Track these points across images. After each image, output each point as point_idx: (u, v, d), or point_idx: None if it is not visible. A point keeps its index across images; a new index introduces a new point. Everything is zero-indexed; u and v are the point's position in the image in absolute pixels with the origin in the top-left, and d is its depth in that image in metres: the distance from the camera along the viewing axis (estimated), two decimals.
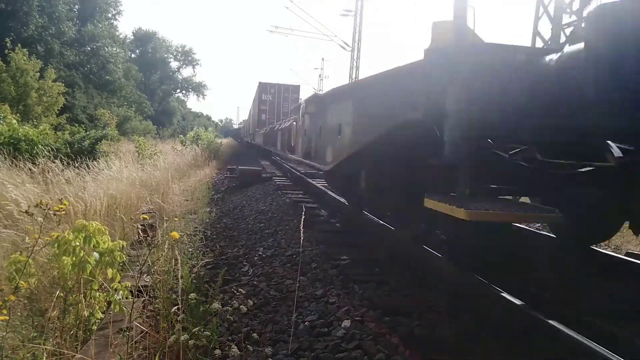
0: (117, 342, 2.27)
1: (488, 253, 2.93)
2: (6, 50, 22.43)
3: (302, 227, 3.01)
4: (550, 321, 2.31)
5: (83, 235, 2.38)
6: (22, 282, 2.21)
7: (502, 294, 2.72)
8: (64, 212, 2.49)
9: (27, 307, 2.71)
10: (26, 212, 2.43)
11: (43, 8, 33.30)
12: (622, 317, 2.71)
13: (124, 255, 2.52)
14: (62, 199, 2.63)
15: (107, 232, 2.50)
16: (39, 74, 23.01)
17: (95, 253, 2.40)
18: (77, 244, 2.35)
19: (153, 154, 15.24)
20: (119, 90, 42.95)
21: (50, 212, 2.40)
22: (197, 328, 2.29)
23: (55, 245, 2.27)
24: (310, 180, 9.61)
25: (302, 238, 3.15)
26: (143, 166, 11.42)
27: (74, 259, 2.29)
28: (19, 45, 23.11)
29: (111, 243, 2.37)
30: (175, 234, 2.59)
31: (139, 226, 4.67)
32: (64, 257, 2.22)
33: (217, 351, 2.15)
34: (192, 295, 2.53)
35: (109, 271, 2.40)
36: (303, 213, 3.44)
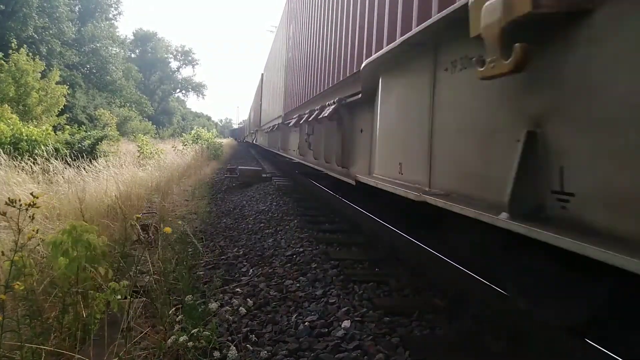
0: (116, 342, 2.26)
1: None
2: (10, 50, 22.45)
3: None
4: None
5: (72, 235, 2.35)
6: (17, 283, 2.20)
7: None
8: (37, 207, 2.43)
9: (26, 307, 2.70)
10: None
11: (43, 8, 33.35)
12: None
13: (105, 247, 2.49)
14: (33, 192, 2.56)
15: (94, 231, 2.47)
16: (40, 74, 23.00)
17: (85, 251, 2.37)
18: (69, 244, 2.32)
19: (154, 153, 15.27)
20: (119, 90, 42.99)
21: (23, 207, 2.32)
22: (196, 329, 2.28)
23: (51, 246, 2.26)
24: None
25: None
26: (143, 166, 11.43)
27: (67, 260, 2.27)
28: (13, 44, 23.10)
29: (95, 240, 2.35)
30: (168, 229, 2.58)
31: (138, 227, 4.67)
32: (60, 258, 2.21)
33: (217, 353, 2.15)
34: (189, 297, 2.53)
35: (101, 269, 2.38)
36: None
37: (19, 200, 2.29)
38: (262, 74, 20.12)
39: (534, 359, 2.24)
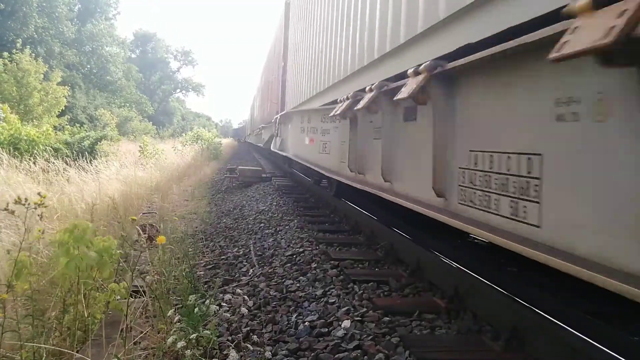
0: (116, 342, 2.27)
1: None
2: (14, 50, 22.52)
3: None
4: None
5: (74, 234, 2.35)
6: (18, 282, 2.20)
7: None
8: (45, 206, 2.43)
9: (27, 306, 2.71)
10: (5, 209, 2.36)
11: (43, 8, 33.34)
12: None
13: (117, 253, 2.50)
14: (40, 192, 2.57)
15: (95, 231, 2.47)
16: (42, 75, 23.02)
17: (92, 253, 2.38)
18: (70, 242, 2.32)
19: (154, 153, 15.31)
20: (119, 90, 43.00)
21: (32, 206, 2.33)
22: (194, 335, 2.27)
23: (56, 245, 2.27)
24: None
25: None
26: (144, 166, 11.44)
27: (67, 258, 2.27)
28: (19, 44, 23.16)
29: (105, 242, 2.36)
30: (162, 238, 2.57)
31: (138, 227, 4.67)
32: (61, 258, 2.21)
33: (215, 352, 2.15)
34: (192, 297, 2.53)
35: (105, 271, 2.39)
36: None
37: (26, 200, 2.31)
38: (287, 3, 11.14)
39: None
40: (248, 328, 2.77)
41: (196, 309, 2.59)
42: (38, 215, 2.37)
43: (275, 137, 10.83)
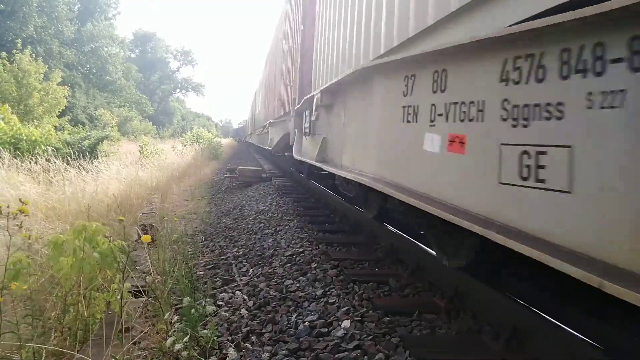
0: (116, 342, 2.27)
1: None
2: (14, 50, 22.52)
3: None
4: None
5: (83, 236, 2.36)
6: (15, 283, 2.20)
7: None
8: (25, 215, 2.42)
9: (27, 307, 2.71)
10: None
11: (42, 8, 33.32)
12: None
13: (124, 256, 2.51)
14: (21, 198, 2.56)
15: (106, 232, 2.49)
16: (42, 75, 22.98)
17: (95, 253, 2.38)
18: (77, 244, 2.33)
19: (154, 153, 15.32)
20: (119, 90, 42.96)
21: (10, 216, 2.32)
22: (187, 338, 2.27)
23: (52, 246, 2.27)
24: None
25: None
26: (144, 166, 11.44)
27: (73, 259, 2.28)
28: (19, 44, 23.15)
29: (111, 244, 2.36)
30: (147, 237, 2.56)
31: (138, 227, 4.67)
32: (62, 258, 2.21)
33: (215, 351, 2.15)
34: (186, 299, 2.53)
35: (109, 272, 2.39)
36: None
37: (8, 207, 2.30)
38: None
39: None
40: (248, 328, 2.77)
41: (193, 310, 2.59)
42: (17, 225, 2.35)
43: (304, 136, 6.80)
